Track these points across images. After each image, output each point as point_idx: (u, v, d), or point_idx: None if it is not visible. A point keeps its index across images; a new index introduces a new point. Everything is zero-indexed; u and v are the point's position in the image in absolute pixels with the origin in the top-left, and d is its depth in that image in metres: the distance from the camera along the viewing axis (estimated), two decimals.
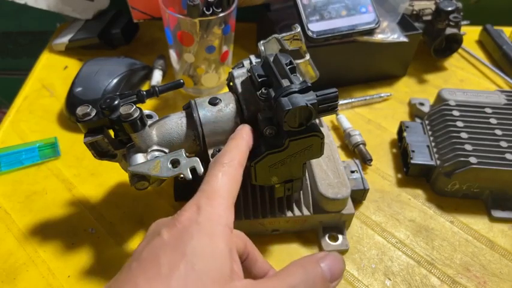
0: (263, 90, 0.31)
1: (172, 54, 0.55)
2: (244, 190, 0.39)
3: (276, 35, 0.36)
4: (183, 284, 0.22)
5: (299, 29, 0.37)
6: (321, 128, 0.45)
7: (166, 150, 0.34)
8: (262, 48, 0.36)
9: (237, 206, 0.39)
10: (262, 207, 0.39)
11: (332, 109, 0.30)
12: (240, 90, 0.34)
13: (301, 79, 0.30)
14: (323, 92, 0.29)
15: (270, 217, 0.39)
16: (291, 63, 0.31)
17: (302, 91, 0.29)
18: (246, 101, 0.33)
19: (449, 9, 0.58)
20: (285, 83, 0.29)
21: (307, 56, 0.36)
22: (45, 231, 0.41)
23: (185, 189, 0.42)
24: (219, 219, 0.25)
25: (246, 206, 0.39)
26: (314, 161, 0.41)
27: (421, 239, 0.42)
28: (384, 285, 0.38)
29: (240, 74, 0.35)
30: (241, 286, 0.24)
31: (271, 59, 0.32)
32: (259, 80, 0.31)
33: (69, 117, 0.51)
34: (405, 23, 0.57)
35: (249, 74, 0.33)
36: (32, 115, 0.54)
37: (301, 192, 0.39)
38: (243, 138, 0.31)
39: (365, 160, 0.47)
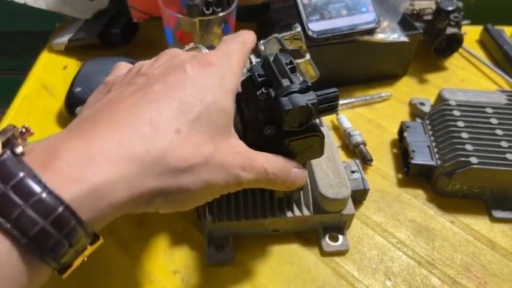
0: (263, 90, 0.31)
1: None
2: (244, 190, 0.39)
3: (276, 35, 0.36)
4: (203, 127, 0.25)
5: (299, 29, 0.37)
6: (321, 128, 0.45)
7: None
8: (262, 47, 0.36)
9: (237, 206, 0.39)
10: (262, 208, 0.39)
11: (332, 109, 0.30)
12: (239, 90, 0.33)
13: (301, 79, 0.30)
14: (323, 92, 0.29)
15: (270, 217, 0.39)
16: (291, 62, 0.31)
17: (302, 91, 0.29)
18: (246, 101, 0.33)
19: (450, 8, 0.57)
20: (285, 82, 0.29)
21: (308, 56, 0.36)
22: None
23: None
24: (234, 78, 0.28)
25: (246, 206, 0.39)
26: (314, 161, 0.41)
27: (422, 239, 0.42)
28: (384, 286, 0.38)
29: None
30: (237, 144, 0.28)
31: (271, 58, 0.32)
32: (259, 79, 0.31)
33: (69, 117, 0.51)
34: (405, 22, 0.57)
35: (249, 73, 0.33)
36: (31, 115, 0.53)
37: (301, 192, 0.39)
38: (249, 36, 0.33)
39: (365, 160, 0.47)
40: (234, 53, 0.30)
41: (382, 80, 0.60)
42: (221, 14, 0.48)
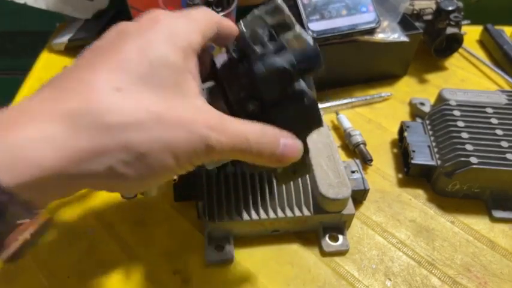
0: (241, 65, 0.28)
1: None
2: (244, 190, 0.39)
3: (255, 10, 0.33)
4: (148, 83, 0.22)
5: (279, 1, 0.33)
6: (321, 128, 0.45)
7: None
8: (243, 28, 0.33)
9: (237, 206, 0.39)
10: (263, 208, 0.39)
11: (314, 68, 0.27)
12: (220, 72, 0.31)
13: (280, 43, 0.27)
14: (302, 49, 0.26)
15: (270, 217, 0.39)
16: (269, 32, 0.28)
17: (276, 52, 0.26)
18: (228, 83, 0.30)
19: (450, 8, 0.57)
20: (259, 49, 0.27)
21: (297, 28, 0.32)
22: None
23: (185, 190, 0.42)
24: (190, 36, 0.25)
25: (246, 206, 0.39)
26: (314, 161, 0.41)
27: (422, 239, 0.42)
28: (384, 286, 0.38)
29: (221, 58, 0.32)
30: (203, 105, 0.24)
31: (248, 32, 0.29)
32: (237, 55, 0.28)
33: None
34: (406, 22, 0.57)
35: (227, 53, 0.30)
36: None
37: (301, 192, 0.39)
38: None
39: (365, 160, 0.47)
40: (195, 14, 0.27)
41: (382, 80, 0.60)
42: (221, 14, 0.48)
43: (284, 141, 0.26)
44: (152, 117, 0.22)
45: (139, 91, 0.22)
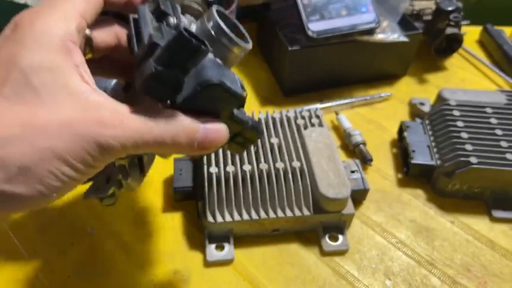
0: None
1: None
2: (244, 190, 0.39)
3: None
4: (17, 96, 0.21)
5: None
6: (321, 128, 0.45)
7: None
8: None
9: (237, 206, 0.39)
10: (263, 207, 0.39)
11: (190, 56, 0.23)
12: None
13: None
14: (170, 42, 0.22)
15: (270, 217, 0.39)
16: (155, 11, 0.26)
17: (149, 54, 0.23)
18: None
19: (450, 9, 0.57)
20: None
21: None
22: (45, 232, 0.41)
23: (184, 190, 0.42)
24: (57, 29, 0.22)
25: (246, 205, 0.39)
26: (314, 161, 0.41)
27: (422, 239, 0.42)
28: (384, 286, 0.38)
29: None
30: (94, 101, 0.22)
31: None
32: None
33: None
34: (405, 22, 0.57)
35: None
36: None
37: (301, 192, 0.39)
38: None
39: (365, 160, 0.47)
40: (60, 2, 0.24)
41: (382, 80, 0.60)
42: None
43: (203, 126, 0.24)
44: (28, 128, 0.20)
45: (11, 104, 0.20)
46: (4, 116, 0.20)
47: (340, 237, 0.40)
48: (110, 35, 0.27)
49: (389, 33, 0.54)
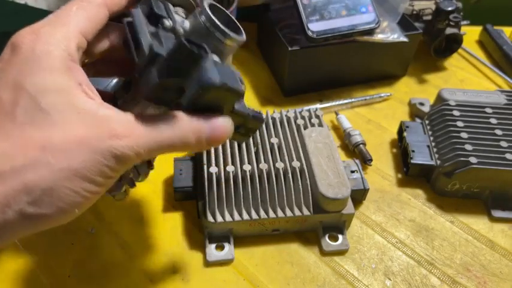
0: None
1: None
2: (244, 190, 0.39)
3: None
4: (30, 119, 0.21)
5: None
6: (321, 128, 0.45)
7: None
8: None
9: (237, 206, 0.39)
10: (263, 207, 0.39)
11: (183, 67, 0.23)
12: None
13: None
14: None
15: (270, 217, 0.39)
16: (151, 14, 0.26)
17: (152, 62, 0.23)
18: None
19: (449, 9, 0.57)
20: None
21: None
22: (45, 231, 0.41)
23: (185, 190, 0.42)
24: (58, 50, 0.23)
25: (246, 205, 0.39)
26: (314, 161, 0.41)
27: (421, 239, 0.42)
28: (384, 285, 0.38)
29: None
30: (104, 114, 0.22)
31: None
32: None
33: None
34: (405, 22, 0.57)
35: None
36: None
37: (301, 192, 0.39)
38: None
39: (365, 160, 0.47)
40: (66, 14, 0.24)
41: (381, 80, 0.60)
42: None
43: (209, 124, 0.25)
44: (44, 151, 0.21)
45: (26, 128, 0.21)
46: (23, 141, 0.21)
47: (340, 237, 0.41)
48: (104, 38, 0.27)
49: (389, 34, 0.54)
